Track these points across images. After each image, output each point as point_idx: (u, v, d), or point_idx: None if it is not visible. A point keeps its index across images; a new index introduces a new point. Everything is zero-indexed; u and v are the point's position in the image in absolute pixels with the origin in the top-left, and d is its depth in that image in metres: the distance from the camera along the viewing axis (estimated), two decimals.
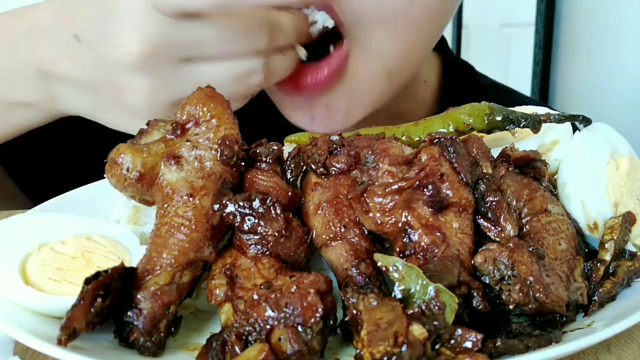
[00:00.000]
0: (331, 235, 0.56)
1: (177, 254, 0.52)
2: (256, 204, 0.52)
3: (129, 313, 0.50)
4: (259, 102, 0.85)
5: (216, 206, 0.53)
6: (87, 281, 0.48)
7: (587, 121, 0.66)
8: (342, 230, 0.56)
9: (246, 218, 0.52)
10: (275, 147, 0.60)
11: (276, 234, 0.52)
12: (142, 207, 0.64)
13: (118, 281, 0.50)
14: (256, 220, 0.52)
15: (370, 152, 0.56)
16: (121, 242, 0.61)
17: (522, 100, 1.21)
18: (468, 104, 0.67)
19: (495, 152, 0.62)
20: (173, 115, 0.61)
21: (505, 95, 1.20)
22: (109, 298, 0.49)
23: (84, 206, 0.71)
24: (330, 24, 0.80)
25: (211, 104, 0.57)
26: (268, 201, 0.52)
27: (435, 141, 0.56)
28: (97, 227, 0.62)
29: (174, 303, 0.51)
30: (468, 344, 0.44)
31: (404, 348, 0.42)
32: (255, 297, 0.48)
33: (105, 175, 0.57)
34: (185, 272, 0.52)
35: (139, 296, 0.50)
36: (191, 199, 0.53)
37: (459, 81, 1.13)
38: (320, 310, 0.46)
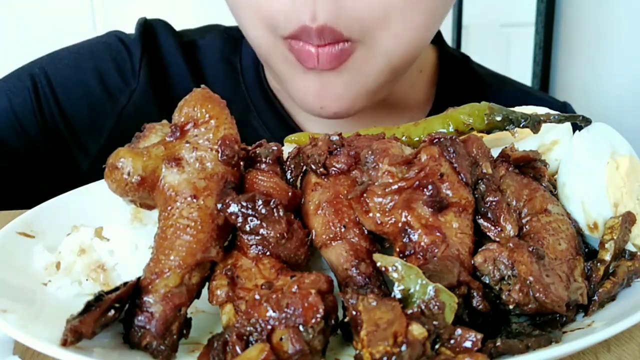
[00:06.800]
0: (331, 235, 0.56)
1: (184, 255, 0.51)
2: (259, 205, 0.52)
3: (139, 317, 0.50)
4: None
5: (219, 205, 0.53)
6: (107, 292, 0.49)
7: (587, 121, 0.66)
8: (342, 230, 0.55)
9: (248, 219, 0.52)
10: (275, 148, 0.60)
11: (278, 235, 0.52)
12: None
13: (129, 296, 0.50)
14: (259, 222, 0.52)
15: (370, 152, 0.56)
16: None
17: (521, 89, 1.23)
18: (468, 104, 0.67)
19: (495, 152, 0.62)
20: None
21: (504, 86, 1.22)
22: (117, 312, 0.49)
23: (85, 207, 0.71)
24: None
25: (209, 104, 0.57)
26: (272, 203, 0.52)
27: (435, 141, 0.56)
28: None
29: (184, 305, 0.51)
30: (468, 344, 0.44)
31: (403, 348, 0.42)
32: (257, 297, 0.48)
33: (104, 181, 0.56)
34: (194, 273, 0.52)
35: (149, 300, 0.50)
36: (195, 200, 0.53)
37: (454, 69, 1.16)
38: (321, 310, 0.46)
